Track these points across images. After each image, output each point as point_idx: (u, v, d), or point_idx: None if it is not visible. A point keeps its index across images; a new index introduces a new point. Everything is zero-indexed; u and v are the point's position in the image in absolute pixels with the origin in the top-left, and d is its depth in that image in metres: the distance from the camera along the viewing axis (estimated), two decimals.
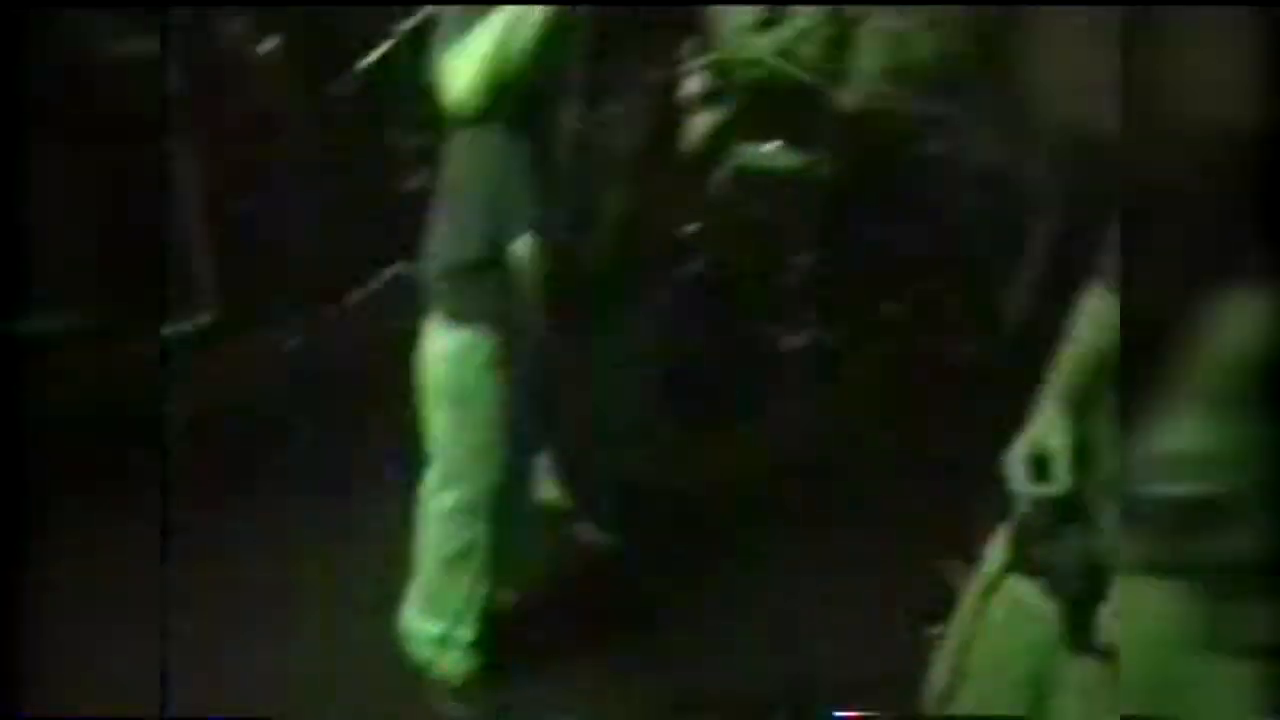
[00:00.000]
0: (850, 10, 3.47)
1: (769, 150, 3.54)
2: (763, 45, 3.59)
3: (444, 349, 2.20)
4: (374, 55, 3.16)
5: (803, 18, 3.54)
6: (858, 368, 3.61)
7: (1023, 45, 4.14)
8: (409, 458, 2.23)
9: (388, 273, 3.41)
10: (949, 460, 2.62)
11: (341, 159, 3.41)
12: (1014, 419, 1.91)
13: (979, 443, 1.90)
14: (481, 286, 2.20)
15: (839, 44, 3.62)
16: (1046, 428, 1.84)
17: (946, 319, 3.74)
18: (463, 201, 2.16)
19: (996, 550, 1.86)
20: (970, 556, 1.92)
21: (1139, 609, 1.57)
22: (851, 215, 3.58)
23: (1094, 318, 1.91)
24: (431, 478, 2.24)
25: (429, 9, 3.12)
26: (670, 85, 2.65)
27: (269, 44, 3.41)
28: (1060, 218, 3.70)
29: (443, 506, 2.23)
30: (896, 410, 3.41)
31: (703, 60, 3.28)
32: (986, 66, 4.11)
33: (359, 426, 2.96)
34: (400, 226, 2.45)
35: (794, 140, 3.54)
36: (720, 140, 3.46)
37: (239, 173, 3.33)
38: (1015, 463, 1.85)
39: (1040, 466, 1.83)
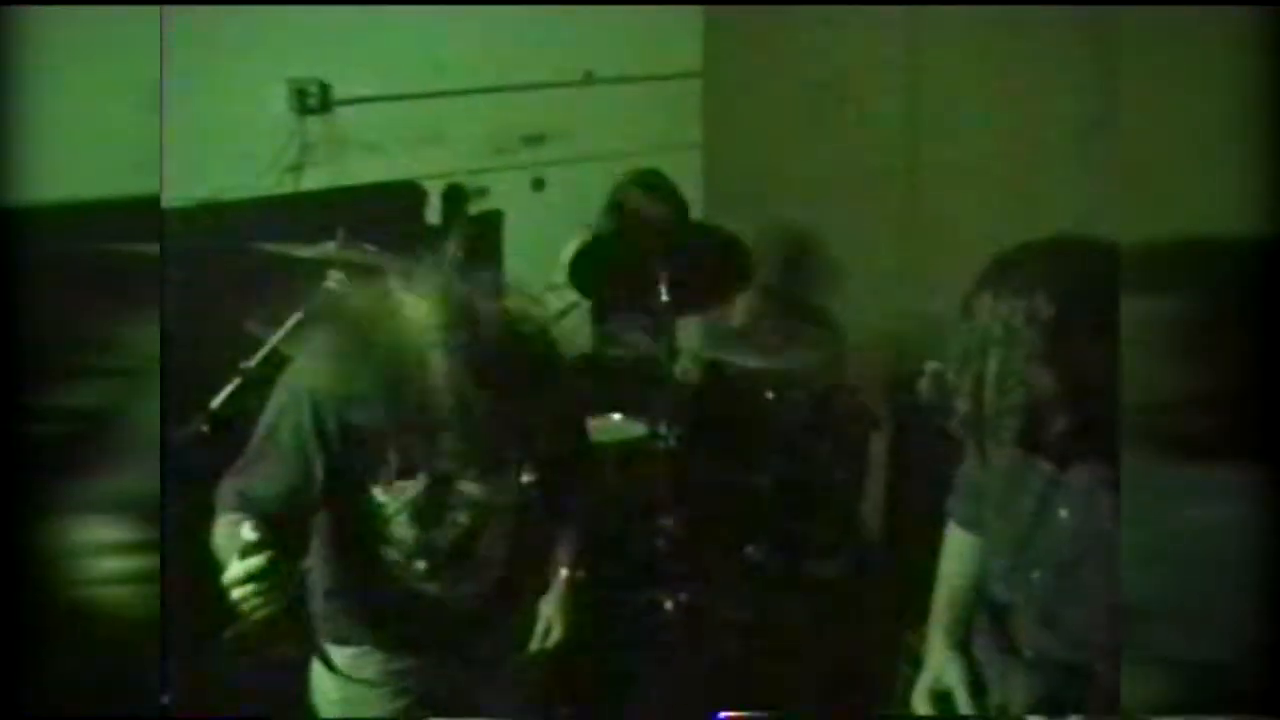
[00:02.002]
0: None
1: (614, 423, 3.70)
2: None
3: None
4: (222, 395, 3.20)
5: None
6: (731, 611, 3.73)
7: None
8: None
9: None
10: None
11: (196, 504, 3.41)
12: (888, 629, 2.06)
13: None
14: (360, 599, 2.25)
15: None
16: (942, 665, 1.98)
17: (809, 546, 3.93)
18: (333, 526, 2.22)
19: None
20: None
21: None
22: (704, 471, 3.76)
23: (956, 554, 2.08)
24: None
25: (272, 345, 3.23)
26: None
27: None
28: (895, 429, 3.98)
29: None
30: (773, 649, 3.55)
31: None
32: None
33: None
34: None
35: (633, 411, 3.72)
36: None
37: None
38: (919, 700, 1.97)
39: (942, 701, 1.96)
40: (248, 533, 1.76)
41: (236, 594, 1.76)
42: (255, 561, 1.74)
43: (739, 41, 4.80)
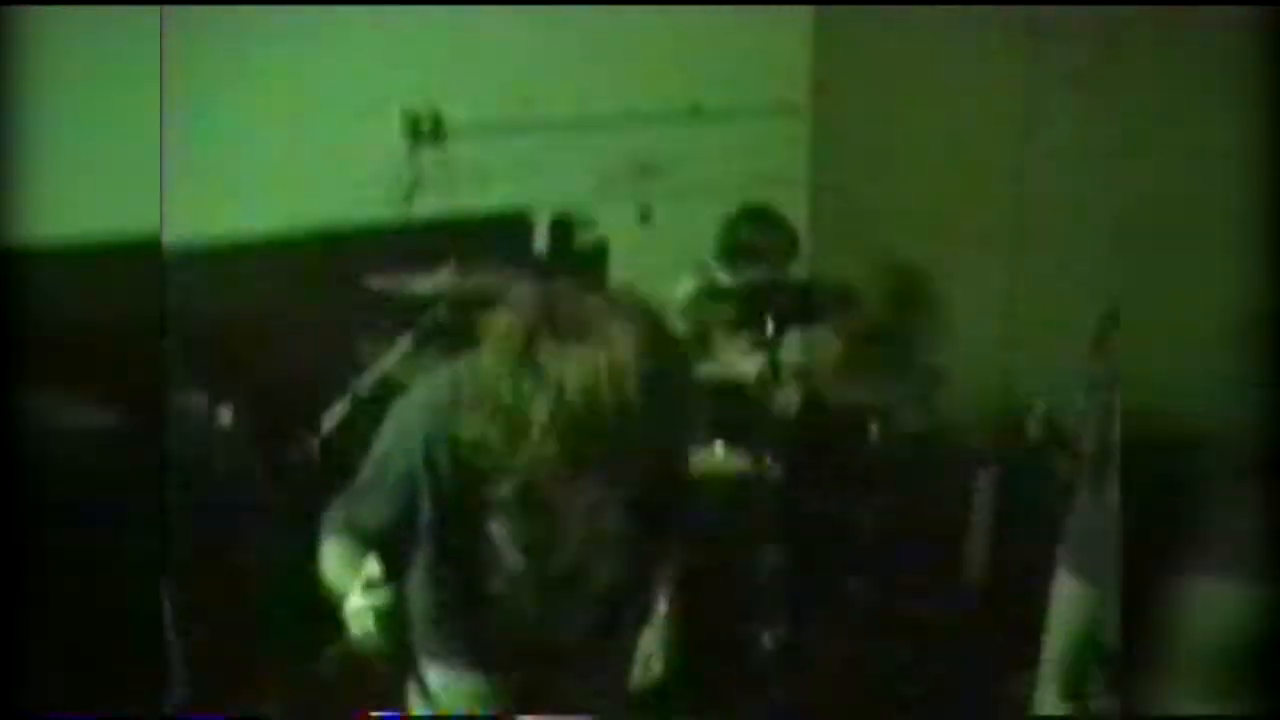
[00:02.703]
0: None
1: (716, 453, 3.70)
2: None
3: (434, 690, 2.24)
4: (333, 418, 3.26)
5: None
6: (831, 648, 3.70)
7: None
8: None
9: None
10: None
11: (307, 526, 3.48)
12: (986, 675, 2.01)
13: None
14: (463, 626, 2.27)
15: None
16: (1054, 715, 1.94)
17: (909, 584, 3.88)
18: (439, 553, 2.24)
19: None
20: None
21: None
22: (805, 505, 3.73)
23: (1068, 602, 2.04)
24: None
25: (384, 369, 3.29)
26: None
27: (225, 415, 3.53)
28: (1001, 469, 3.91)
29: None
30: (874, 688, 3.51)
31: None
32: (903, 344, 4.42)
33: None
34: None
35: (736, 441, 3.71)
36: None
37: (208, 547, 3.36)
38: None
39: None
40: (373, 567, 1.78)
41: (357, 625, 1.78)
42: (380, 596, 1.77)
43: (847, 76, 4.79)
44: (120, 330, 1.65)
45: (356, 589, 1.79)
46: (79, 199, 1.58)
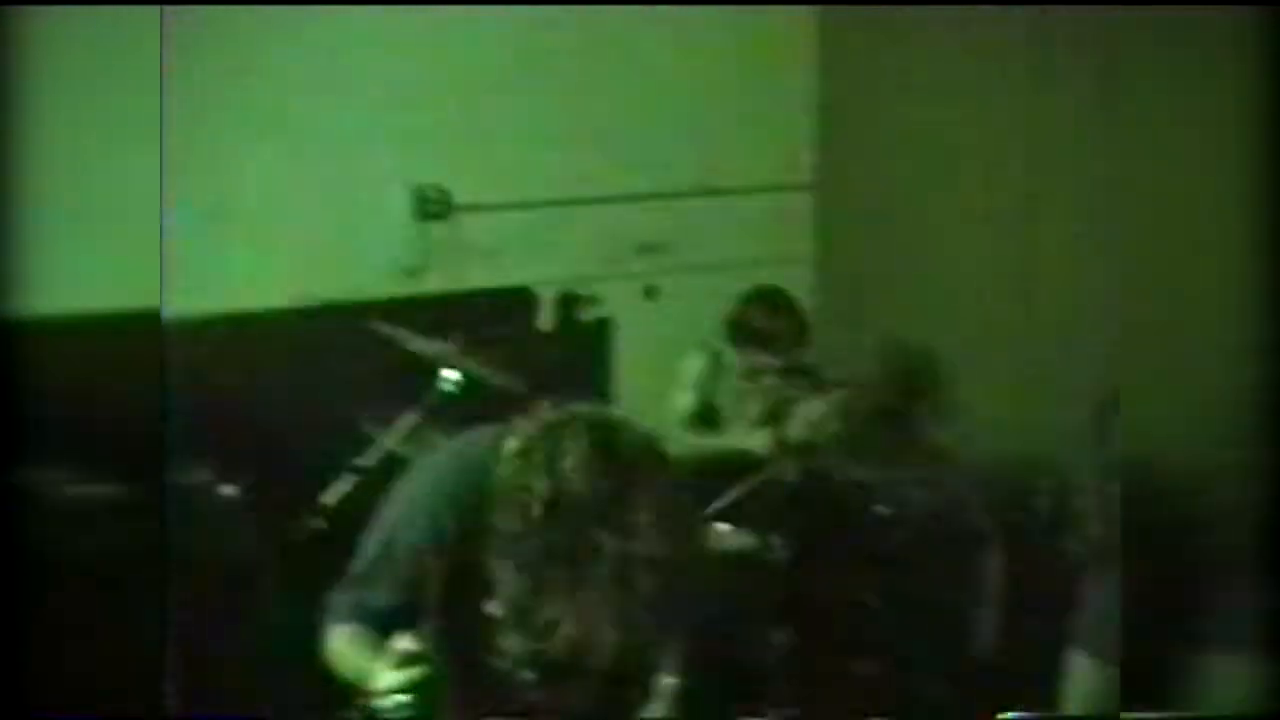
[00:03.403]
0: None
1: (721, 532, 3.67)
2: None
3: None
4: (336, 493, 3.25)
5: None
6: None
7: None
8: None
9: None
10: None
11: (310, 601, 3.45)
12: None
13: None
14: (462, 699, 2.24)
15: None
16: None
17: (915, 665, 3.82)
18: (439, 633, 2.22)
19: None
20: None
21: None
22: (812, 584, 3.69)
23: (1085, 684, 2.01)
24: None
25: (387, 446, 3.29)
26: None
27: (229, 490, 3.52)
28: (1010, 551, 3.88)
29: None
30: None
31: None
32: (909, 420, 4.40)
33: None
34: None
35: (740, 520, 3.68)
36: None
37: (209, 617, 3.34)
38: None
39: None
40: (408, 644, 1.78)
41: (393, 702, 1.77)
42: (419, 671, 1.76)
43: (852, 155, 4.83)
44: (122, 404, 1.65)
45: (388, 667, 1.78)
46: (79, 272, 1.58)
